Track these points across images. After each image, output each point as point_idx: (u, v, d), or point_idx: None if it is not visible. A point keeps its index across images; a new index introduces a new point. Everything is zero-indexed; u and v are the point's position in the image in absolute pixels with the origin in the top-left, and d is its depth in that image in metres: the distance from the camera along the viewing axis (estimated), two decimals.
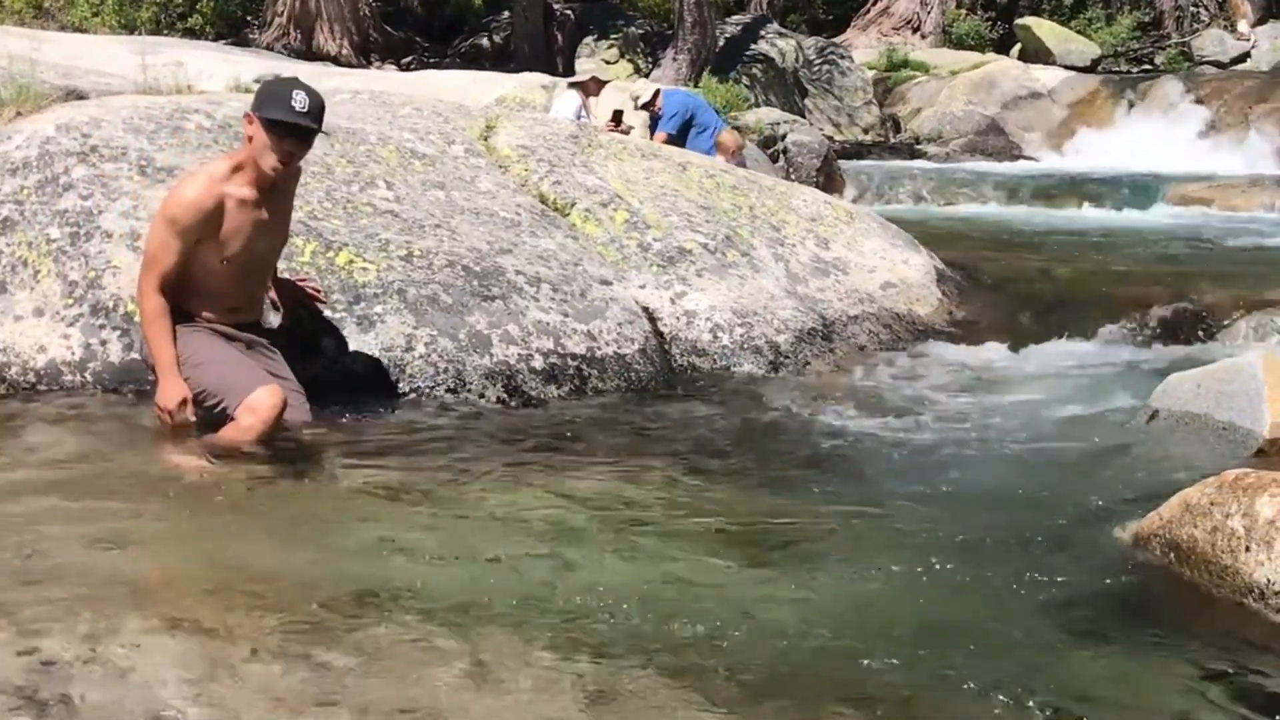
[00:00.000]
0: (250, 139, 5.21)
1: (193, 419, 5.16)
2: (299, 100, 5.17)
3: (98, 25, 26.05)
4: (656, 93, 13.90)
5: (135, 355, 5.77)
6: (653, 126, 13.64)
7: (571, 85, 14.11)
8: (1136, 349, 7.50)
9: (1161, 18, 35.01)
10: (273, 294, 5.77)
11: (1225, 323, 7.79)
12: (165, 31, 25.69)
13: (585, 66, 14.54)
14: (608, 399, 6.18)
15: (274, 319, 5.81)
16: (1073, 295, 8.95)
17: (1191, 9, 35.13)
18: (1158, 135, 21.71)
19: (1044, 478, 5.00)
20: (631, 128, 13.52)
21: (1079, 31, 31.93)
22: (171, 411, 5.13)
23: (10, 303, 6.01)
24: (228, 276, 5.28)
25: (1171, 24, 34.73)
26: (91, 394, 5.77)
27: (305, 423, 5.36)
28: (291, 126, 5.16)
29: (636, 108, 13.94)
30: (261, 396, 5.12)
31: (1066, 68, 27.87)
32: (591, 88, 13.96)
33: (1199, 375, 5.60)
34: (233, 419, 5.13)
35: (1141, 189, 16.51)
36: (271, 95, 5.24)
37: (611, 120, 13.37)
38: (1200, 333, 7.76)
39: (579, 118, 12.56)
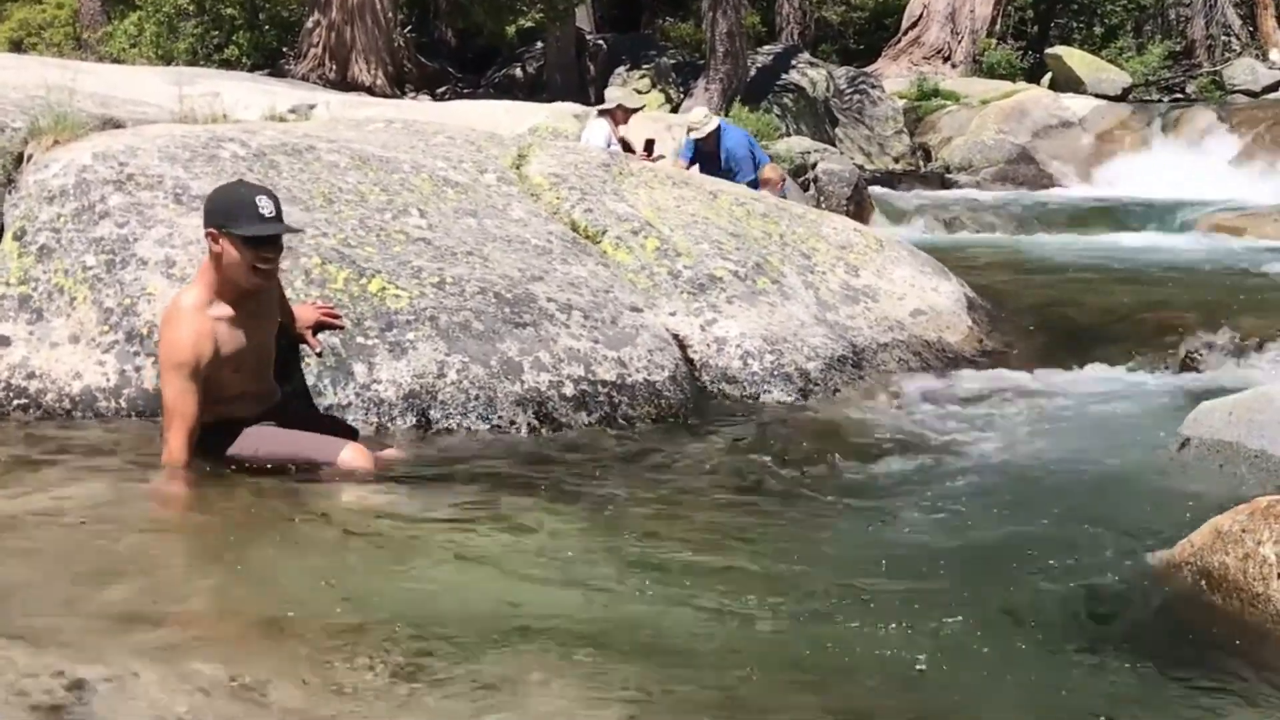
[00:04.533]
0: (218, 256, 5.06)
1: None
2: (266, 206, 5.05)
3: (135, 57, 26.22)
4: (716, 130, 13.65)
5: None
6: (692, 159, 13.40)
7: (601, 114, 14.06)
8: (1168, 377, 7.48)
9: (1193, 47, 35.02)
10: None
11: (1257, 351, 7.75)
12: (202, 63, 25.84)
13: (614, 94, 14.35)
14: (637, 426, 6.19)
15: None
16: (1104, 323, 8.92)
17: (1223, 38, 35.16)
18: (1189, 164, 21.63)
19: (1074, 506, 4.98)
20: (662, 156, 13.48)
21: (1110, 61, 31.92)
22: None
23: (47, 329, 6.06)
24: (244, 377, 5.25)
25: (1203, 53, 34.74)
26: (126, 420, 5.82)
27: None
28: (270, 239, 5.08)
29: (690, 137, 13.75)
30: (351, 459, 5.25)
31: (1097, 96, 27.82)
32: (619, 116, 13.89)
33: (1230, 403, 5.58)
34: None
35: (1173, 217, 16.48)
36: (235, 206, 5.06)
37: (645, 150, 13.33)
38: (1232, 361, 7.72)
39: (609, 146, 12.52)
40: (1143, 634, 3.78)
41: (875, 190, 18.98)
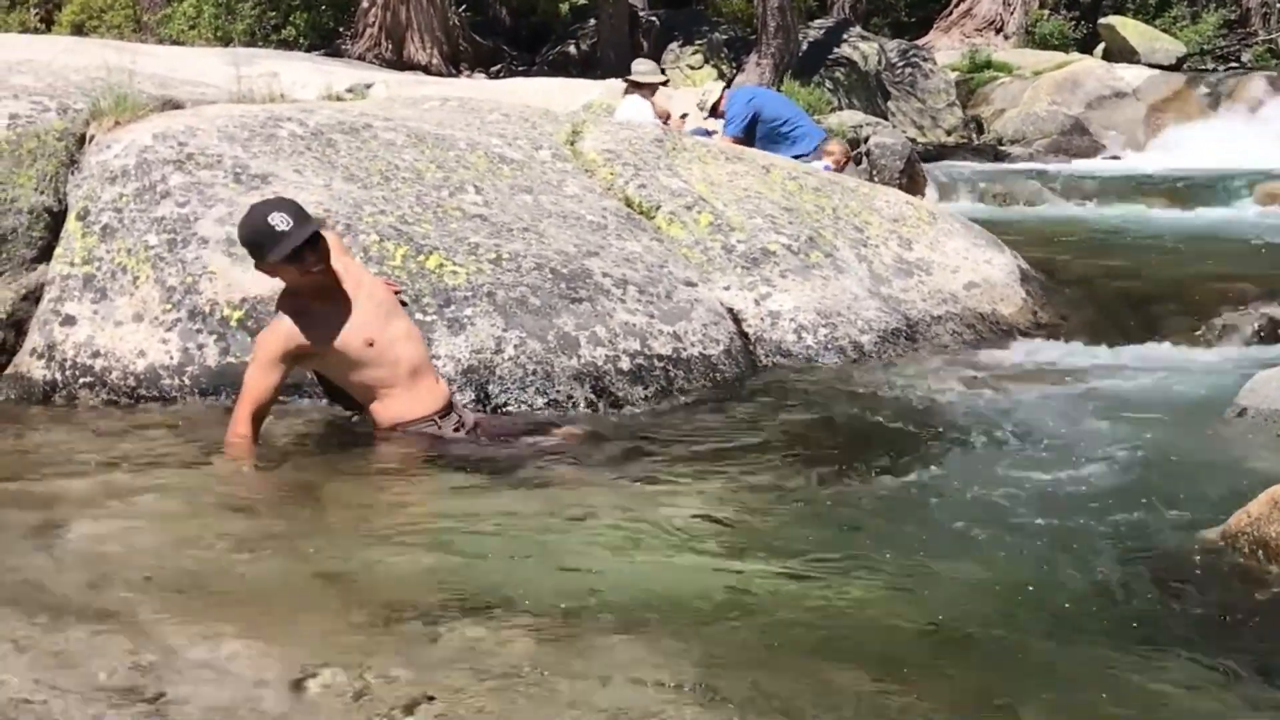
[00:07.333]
0: (279, 279, 5.31)
1: None
2: (280, 220, 5.12)
3: (194, 38, 26.42)
4: (722, 94, 13.62)
5: (231, 359, 5.90)
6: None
7: (634, 88, 13.90)
8: (1223, 347, 7.45)
9: (1248, 15, 34.55)
10: None
11: None
12: (260, 43, 25.98)
13: (644, 68, 14.18)
14: (693, 399, 6.23)
15: None
16: (1158, 294, 8.88)
17: (1279, 6, 34.69)
18: (1244, 133, 21.41)
19: (1130, 476, 4.97)
20: (715, 131, 13.45)
21: (1164, 30, 31.54)
22: None
23: (110, 308, 6.16)
24: (388, 350, 5.35)
25: (1258, 21, 34.27)
26: (190, 397, 5.90)
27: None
28: (301, 250, 5.13)
29: (705, 115, 13.77)
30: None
31: (1151, 66, 27.53)
32: (648, 90, 13.81)
33: None
34: None
35: (1228, 187, 16.29)
36: (259, 237, 5.17)
37: (680, 118, 13.30)
38: None
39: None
40: (1199, 603, 3.78)
41: (927, 163, 18.87)
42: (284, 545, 4.26)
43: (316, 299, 5.24)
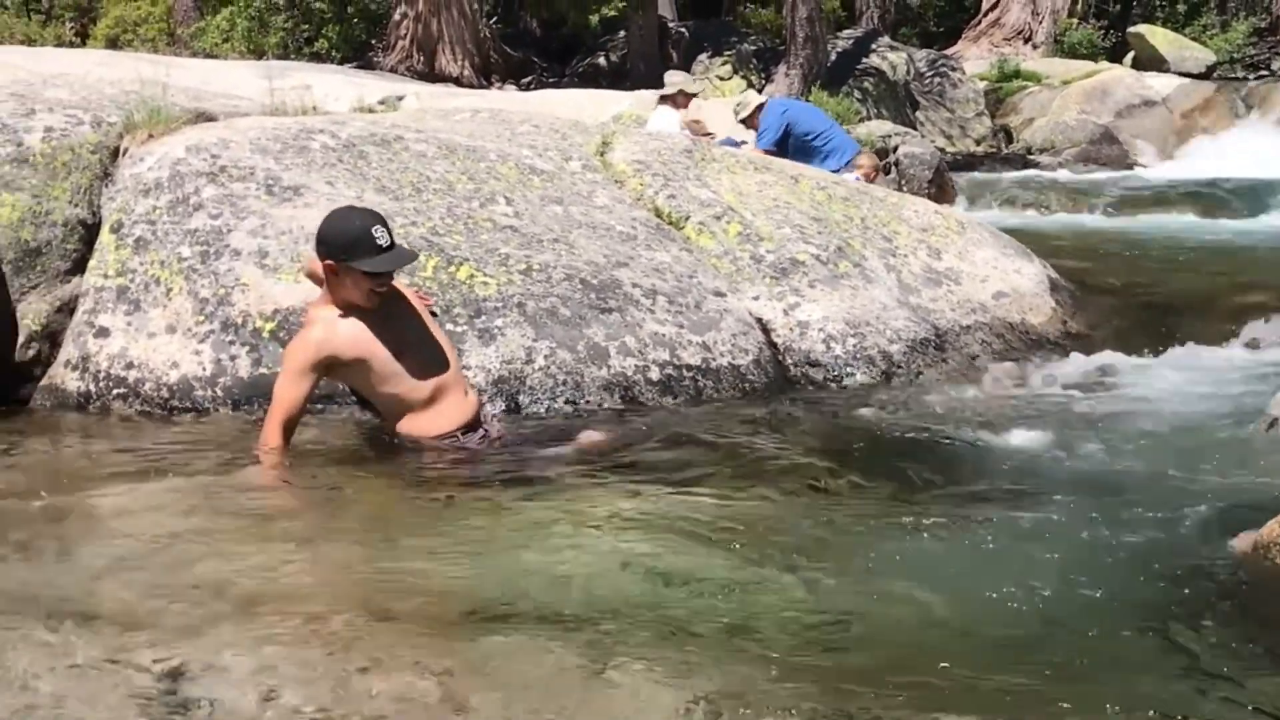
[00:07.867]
0: (336, 284, 5.30)
1: None
2: (382, 236, 5.20)
3: (227, 51, 26.65)
4: (759, 107, 13.53)
5: (263, 371, 5.93)
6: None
7: (663, 99, 14.00)
8: (1254, 357, 7.41)
9: (1278, 23, 34.45)
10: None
11: None
12: (292, 56, 26.22)
13: (675, 79, 14.28)
14: (723, 409, 6.22)
15: None
16: (1188, 304, 8.86)
17: None
18: (1274, 141, 21.31)
19: (1160, 487, 4.96)
20: (744, 142, 13.46)
21: (1193, 38, 31.50)
22: None
23: (144, 320, 6.20)
24: (417, 362, 5.38)
25: None
26: (221, 408, 5.93)
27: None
28: (387, 273, 5.30)
29: (739, 121, 13.75)
30: (590, 435, 5.60)
31: (1181, 75, 27.48)
32: (681, 100, 13.88)
33: None
34: None
35: (1258, 196, 16.23)
36: (354, 241, 5.19)
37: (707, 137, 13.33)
38: None
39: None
40: (1230, 614, 3.76)
41: (956, 173, 18.84)
42: (312, 555, 4.29)
43: (351, 310, 5.28)
